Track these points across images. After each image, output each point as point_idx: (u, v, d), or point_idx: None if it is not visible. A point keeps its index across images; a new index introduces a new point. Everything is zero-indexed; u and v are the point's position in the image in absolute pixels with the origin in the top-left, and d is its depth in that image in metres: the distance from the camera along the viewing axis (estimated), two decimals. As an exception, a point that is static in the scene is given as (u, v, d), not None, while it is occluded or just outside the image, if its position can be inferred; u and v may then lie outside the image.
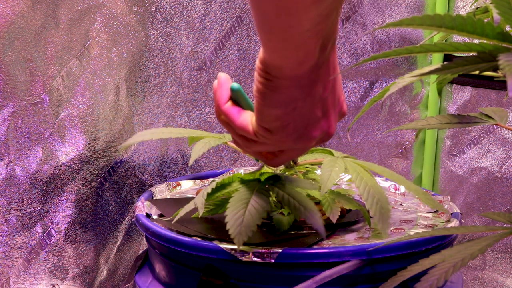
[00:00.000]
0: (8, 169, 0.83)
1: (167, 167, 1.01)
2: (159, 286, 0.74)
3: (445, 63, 0.51)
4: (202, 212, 0.64)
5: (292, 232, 0.71)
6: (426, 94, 1.24)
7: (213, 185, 0.68)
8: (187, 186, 0.90)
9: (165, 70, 0.97)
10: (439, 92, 1.23)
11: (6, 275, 0.85)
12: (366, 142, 1.20)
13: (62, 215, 0.89)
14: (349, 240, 0.70)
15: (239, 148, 0.64)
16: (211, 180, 0.92)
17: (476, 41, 0.48)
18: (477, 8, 0.79)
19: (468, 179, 1.20)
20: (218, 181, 0.69)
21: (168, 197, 0.86)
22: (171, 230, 0.70)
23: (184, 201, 0.79)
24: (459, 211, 0.75)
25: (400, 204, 0.85)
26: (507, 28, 0.49)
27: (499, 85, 1.13)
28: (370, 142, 1.21)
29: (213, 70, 1.01)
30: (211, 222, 0.72)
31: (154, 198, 0.84)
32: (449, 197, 0.82)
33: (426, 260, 0.54)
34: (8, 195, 0.83)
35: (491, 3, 0.48)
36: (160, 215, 0.78)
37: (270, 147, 0.58)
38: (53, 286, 0.90)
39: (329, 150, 0.78)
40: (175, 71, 0.98)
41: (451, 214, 0.76)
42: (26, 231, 0.86)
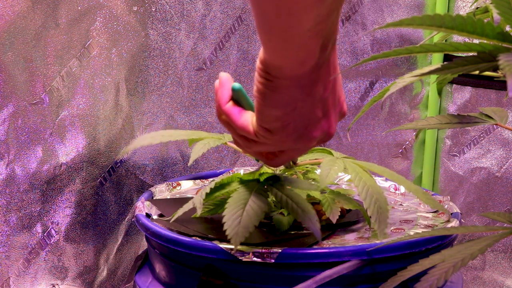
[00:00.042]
0: (8, 169, 0.83)
1: (167, 167, 1.01)
2: (159, 286, 0.74)
3: (445, 63, 0.51)
4: (200, 212, 0.64)
5: (292, 232, 0.71)
6: (426, 94, 1.24)
7: (211, 185, 0.68)
8: (187, 186, 0.90)
9: (165, 70, 0.97)
10: (439, 92, 1.23)
11: (6, 275, 0.85)
12: (366, 142, 1.20)
13: (62, 215, 0.89)
14: (349, 240, 0.70)
15: (239, 148, 0.64)
16: (211, 180, 0.92)
17: (476, 41, 0.48)
18: (477, 8, 0.79)
19: (468, 179, 1.20)
20: (217, 181, 0.69)
21: (168, 197, 0.86)
22: (171, 230, 0.70)
23: (184, 201, 0.79)
24: (459, 211, 0.75)
25: (400, 204, 0.85)
26: (507, 28, 0.49)
27: (499, 85, 1.13)
28: (370, 142, 1.21)
29: (213, 70, 1.01)
30: (211, 222, 0.72)
31: (154, 198, 0.84)
32: (449, 197, 0.82)
33: (426, 260, 0.54)
34: (8, 195, 0.83)
35: (491, 3, 0.48)
36: (160, 215, 0.78)
37: (271, 147, 0.58)
38: (53, 286, 0.90)
39: (328, 150, 0.78)
40: (175, 71, 0.98)
41: (451, 214, 0.76)
42: (26, 231, 0.86)
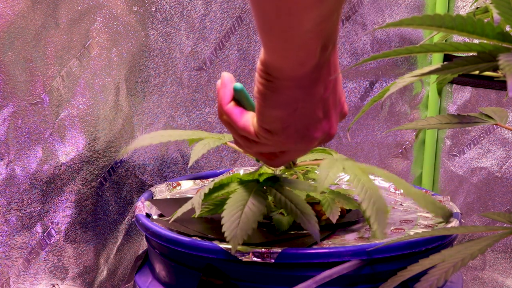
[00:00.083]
0: (8, 169, 0.83)
1: (167, 167, 1.01)
2: (159, 286, 0.74)
3: (445, 63, 0.51)
4: (199, 212, 0.64)
5: (292, 232, 0.71)
6: (426, 94, 1.24)
7: (211, 185, 0.67)
8: (187, 186, 0.90)
9: (165, 70, 0.97)
10: (439, 92, 1.23)
11: (6, 275, 0.85)
12: (366, 142, 1.20)
13: (62, 215, 0.89)
14: (349, 240, 0.70)
15: (239, 149, 0.64)
16: (211, 180, 0.92)
17: (476, 41, 0.48)
18: (477, 8, 0.79)
19: (468, 179, 1.20)
20: (217, 181, 0.69)
21: (168, 197, 0.86)
22: (171, 230, 0.70)
23: (184, 201, 0.79)
24: (459, 211, 0.75)
25: (400, 204, 0.85)
26: (507, 28, 0.49)
27: (499, 85, 1.13)
28: (370, 142, 1.21)
29: (213, 70, 1.01)
30: (211, 222, 0.72)
31: (154, 198, 0.84)
32: (449, 197, 0.82)
33: (426, 260, 0.54)
34: (8, 195, 0.83)
35: (491, 3, 0.48)
36: (160, 215, 0.78)
37: (271, 148, 0.58)
38: (53, 286, 0.90)
39: (329, 151, 0.78)
40: (175, 71, 0.98)
41: (451, 214, 0.76)
42: (26, 231, 0.86)
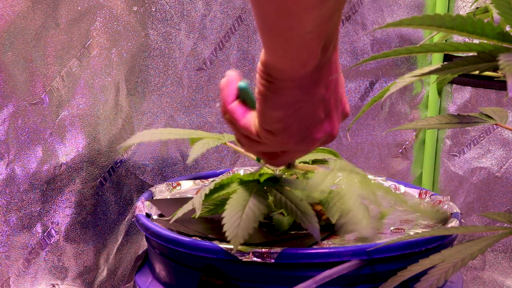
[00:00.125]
0: (8, 169, 0.83)
1: (167, 167, 1.01)
2: (159, 286, 0.74)
3: (445, 63, 0.51)
4: (199, 212, 0.64)
5: (292, 232, 0.71)
6: (426, 94, 1.24)
7: (211, 186, 0.67)
8: (187, 186, 0.90)
9: (165, 70, 0.97)
10: (439, 92, 1.23)
11: (6, 275, 0.85)
12: (366, 142, 1.20)
13: (62, 215, 0.89)
14: (349, 240, 0.70)
15: (239, 149, 0.64)
16: (211, 180, 0.92)
17: (476, 41, 0.48)
18: (477, 8, 0.79)
19: (468, 179, 1.20)
20: (217, 181, 0.69)
21: (168, 197, 0.86)
22: (171, 230, 0.70)
23: (184, 201, 0.79)
24: (459, 211, 0.75)
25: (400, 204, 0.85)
26: (507, 28, 0.49)
27: (499, 85, 1.13)
28: (370, 142, 1.21)
29: (213, 70, 1.01)
30: (211, 222, 0.72)
31: (154, 198, 0.84)
32: (449, 197, 0.82)
33: (426, 260, 0.54)
34: (8, 195, 0.83)
35: (491, 3, 0.48)
36: (160, 215, 0.78)
37: (273, 148, 0.58)
38: (53, 286, 0.90)
39: (333, 152, 0.77)
40: (175, 71, 0.98)
41: (451, 214, 0.76)
42: (26, 231, 0.86)
